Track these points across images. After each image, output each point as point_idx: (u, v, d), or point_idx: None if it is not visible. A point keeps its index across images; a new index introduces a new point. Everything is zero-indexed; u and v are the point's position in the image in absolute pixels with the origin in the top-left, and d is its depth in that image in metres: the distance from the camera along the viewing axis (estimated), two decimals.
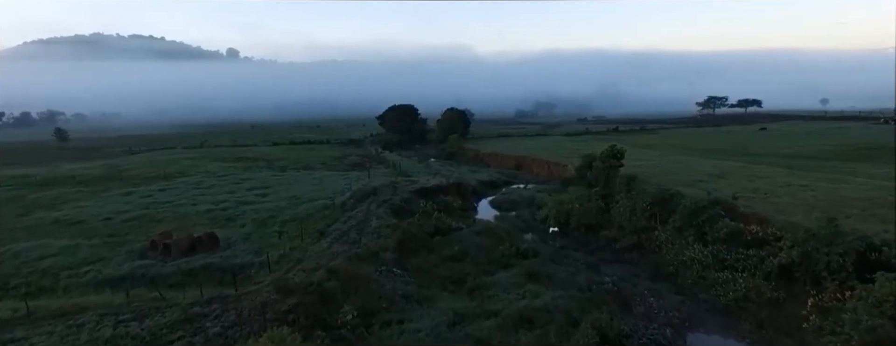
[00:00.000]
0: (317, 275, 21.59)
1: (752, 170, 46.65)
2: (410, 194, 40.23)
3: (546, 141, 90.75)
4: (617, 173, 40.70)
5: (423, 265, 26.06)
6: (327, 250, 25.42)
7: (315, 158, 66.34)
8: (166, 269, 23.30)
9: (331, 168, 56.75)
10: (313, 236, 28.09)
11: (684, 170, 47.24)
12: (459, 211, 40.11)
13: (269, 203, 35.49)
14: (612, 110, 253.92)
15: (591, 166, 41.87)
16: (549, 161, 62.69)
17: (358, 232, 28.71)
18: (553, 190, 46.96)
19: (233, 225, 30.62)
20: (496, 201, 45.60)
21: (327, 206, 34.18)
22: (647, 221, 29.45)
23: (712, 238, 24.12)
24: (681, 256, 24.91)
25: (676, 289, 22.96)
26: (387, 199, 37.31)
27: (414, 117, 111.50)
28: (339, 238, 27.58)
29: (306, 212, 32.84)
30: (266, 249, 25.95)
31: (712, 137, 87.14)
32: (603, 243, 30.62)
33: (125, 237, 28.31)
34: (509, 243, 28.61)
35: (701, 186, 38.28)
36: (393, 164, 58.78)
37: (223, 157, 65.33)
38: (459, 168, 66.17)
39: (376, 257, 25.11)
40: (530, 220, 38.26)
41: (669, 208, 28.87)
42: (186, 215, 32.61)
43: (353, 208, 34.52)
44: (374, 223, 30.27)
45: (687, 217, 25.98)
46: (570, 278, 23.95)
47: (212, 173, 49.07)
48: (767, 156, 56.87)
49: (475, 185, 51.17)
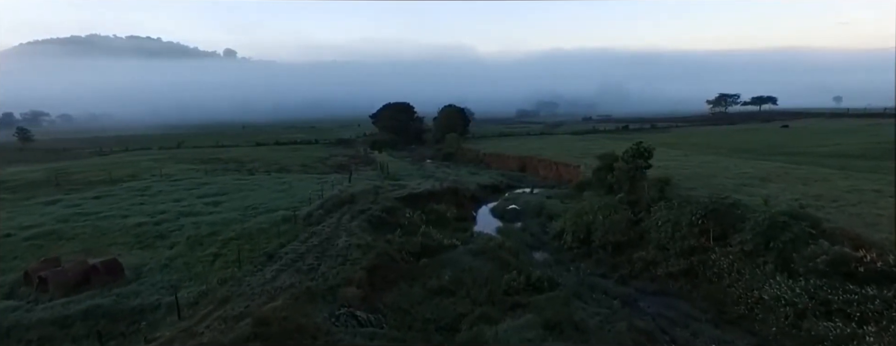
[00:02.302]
0: (238, 328, 14.73)
1: (798, 171, 39.80)
2: (395, 201, 33.35)
3: (551, 140, 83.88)
4: (644, 175, 33.87)
5: (402, 303, 19.12)
6: (269, 284, 18.54)
7: (295, 160, 59.49)
8: (34, 314, 16.42)
9: (309, 170, 49.89)
10: (258, 260, 21.19)
11: (719, 172, 40.33)
12: (455, 222, 33.25)
13: (217, 215, 28.63)
14: (617, 109, 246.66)
15: (611, 168, 35.04)
16: (556, 162, 55.90)
17: (318, 255, 21.80)
18: (565, 196, 40.07)
19: (160, 245, 23.72)
20: (498, 209, 38.71)
21: (287, 218, 27.30)
22: (697, 239, 22.52)
23: (805, 268, 17.15)
24: (757, 291, 17.98)
25: (759, 343, 16.08)
26: (365, 208, 30.42)
27: (410, 116, 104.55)
28: (291, 264, 20.67)
29: (258, 227, 25.95)
30: (186, 281, 19.11)
31: (734, 136, 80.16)
32: (638, 268, 23.66)
33: (10, 263, 21.43)
34: (517, 269, 21.69)
35: (746, 191, 31.42)
36: (381, 165, 51.83)
37: (192, 158, 58.51)
38: (457, 170, 59.38)
39: (335, 293, 18.19)
40: (540, 233, 31.36)
41: (727, 222, 21.94)
42: (107, 232, 25.73)
43: (319, 220, 27.62)
44: (342, 242, 23.33)
45: (761, 236, 19.02)
46: (605, 325, 17.01)
47: (167, 177, 42.20)
48: (806, 155, 49.87)
49: (474, 189, 44.29)
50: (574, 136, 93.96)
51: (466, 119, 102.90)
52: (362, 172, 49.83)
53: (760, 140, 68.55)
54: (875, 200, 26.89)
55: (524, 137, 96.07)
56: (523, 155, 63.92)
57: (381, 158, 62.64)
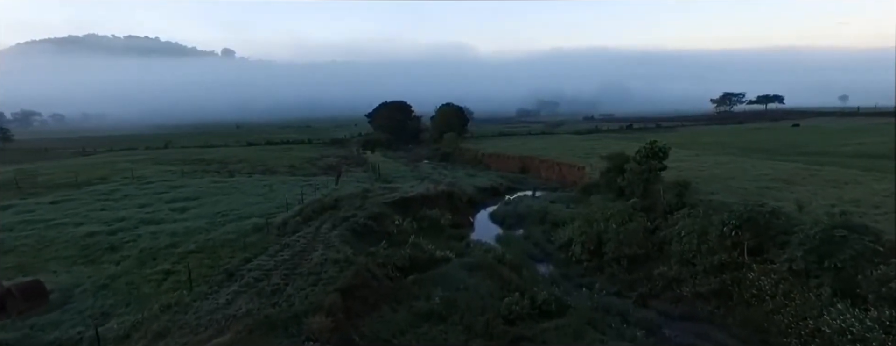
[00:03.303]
0: None
1: (822, 173, 36.68)
2: (384, 207, 30.13)
3: (553, 140, 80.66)
4: (659, 178, 30.73)
5: (382, 332, 15.95)
6: (221, 311, 15.40)
7: (284, 161, 56.26)
8: None
9: (296, 172, 46.64)
10: (215, 279, 18.02)
11: (737, 173, 37.21)
12: (450, 230, 30.07)
13: (181, 223, 25.45)
14: (619, 109, 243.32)
15: (622, 170, 31.88)
16: (560, 163, 52.73)
17: (287, 273, 18.62)
18: (571, 200, 36.95)
19: (106, 260, 20.53)
20: (498, 214, 35.55)
21: (259, 227, 24.12)
22: (729, 253, 19.31)
23: (875, 294, 13.95)
24: (812, 320, 14.79)
25: None
26: (349, 215, 27.21)
27: (407, 115, 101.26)
28: (253, 285, 17.50)
29: (224, 237, 22.76)
30: (122, 307, 15.94)
31: (744, 135, 76.95)
32: (659, 286, 20.45)
33: None
34: (520, 289, 18.49)
35: (772, 195, 28.30)
36: (372, 166, 48.63)
37: (174, 159, 55.26)
38: (455, 171, 56.20)
39: (300, 322, 14.99)
40: (544, 242, 28.16)
41: (766, 233, 18.74)
42: (51, 243, 22.55)
43: (296, 229, 24.43)
44: (317, 257, 20.12)
45: (813, 253, 15.81)
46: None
47: (140, 180, 38.99)
48: (828, 155, 46.68)
49: (472, 192, 41.07)
50: (576, 135, 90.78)
51: (465, 118, 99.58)
52: (353, 173, 46.64)
53: (774, 140, 65.35)
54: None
55: (525, 136, 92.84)
56: (524, 155, 60.76)
57: (374, 159, 59.39)
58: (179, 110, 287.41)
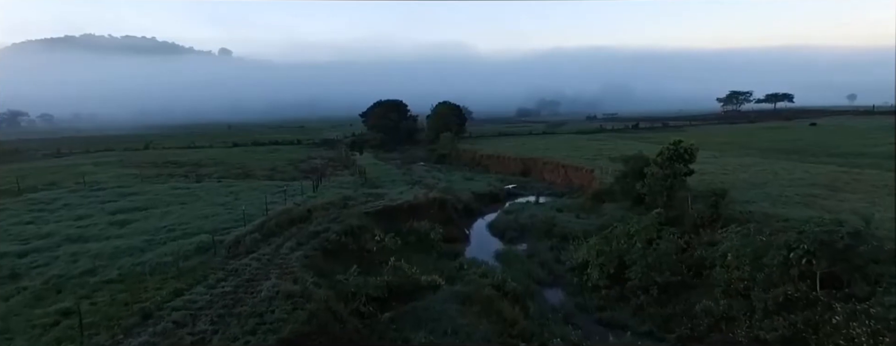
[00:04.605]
0: None
1: (867, 177, 32.55)
2: (364, 218, 25.76)
3: (556, 140, 76.38)
4: (685, 184, 26.45)
5: None
6: None
7: (265, 163, 51.88)
8: None
9: (275, 176, 42.18)
10: (126, 323, 13.62)
11: (768, 178, 32.95)
12: (441, 245, 25.72)
13: (114, 240, 21.08)
14: (622, 108, 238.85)
15: (641, 174, 27.57)
16: (565, 165, 48.48)
17: (221, 313, 14.23)
18: (580, 208, 32.59)
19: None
20: (498, 225, 31.15)
21: (204, 247, 19.70)
22: (796, 285, 14.93)
23: None
24: None
25: None
26: (321, 229, 22.83)
27: (402, 114, 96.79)
28: (171, 332, 13.11)
29: (159, 260, 18.35)
30: None
31: (759, 134, 72.63)
32: (703, 325, 16.05)
33: None
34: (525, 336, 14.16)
35: (820, 205, 24.06)
36: (360, 170, 44.23)
37: (144, 162, 50.85)
38: (450, 174, 51.87)
39: None
40: (552, 262, 23.75)
41: (846, 262, 14.37)
42: None
43: (251, 249, 20.02)
44: (266, 289, 15.70)
45: None
46: None
47: (90, 185, 34.55)
48: (863, 156, 42.36)
49: (468, 199, 36.68)
50: (580, 135, 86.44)
51: (462, 117, 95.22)
52: (338, 177, 42.22)
53: (793, 139, 61.02)
54: None
55: (526, 136, 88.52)
56: (526, 157, 56.47)
57: (363, 161, 54.96)
58: (175, 110, 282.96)
